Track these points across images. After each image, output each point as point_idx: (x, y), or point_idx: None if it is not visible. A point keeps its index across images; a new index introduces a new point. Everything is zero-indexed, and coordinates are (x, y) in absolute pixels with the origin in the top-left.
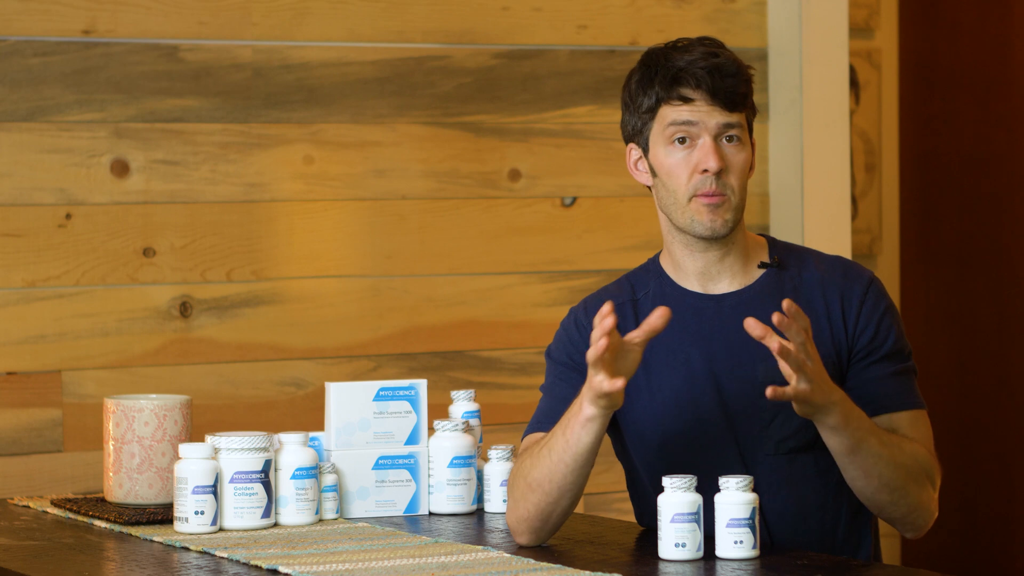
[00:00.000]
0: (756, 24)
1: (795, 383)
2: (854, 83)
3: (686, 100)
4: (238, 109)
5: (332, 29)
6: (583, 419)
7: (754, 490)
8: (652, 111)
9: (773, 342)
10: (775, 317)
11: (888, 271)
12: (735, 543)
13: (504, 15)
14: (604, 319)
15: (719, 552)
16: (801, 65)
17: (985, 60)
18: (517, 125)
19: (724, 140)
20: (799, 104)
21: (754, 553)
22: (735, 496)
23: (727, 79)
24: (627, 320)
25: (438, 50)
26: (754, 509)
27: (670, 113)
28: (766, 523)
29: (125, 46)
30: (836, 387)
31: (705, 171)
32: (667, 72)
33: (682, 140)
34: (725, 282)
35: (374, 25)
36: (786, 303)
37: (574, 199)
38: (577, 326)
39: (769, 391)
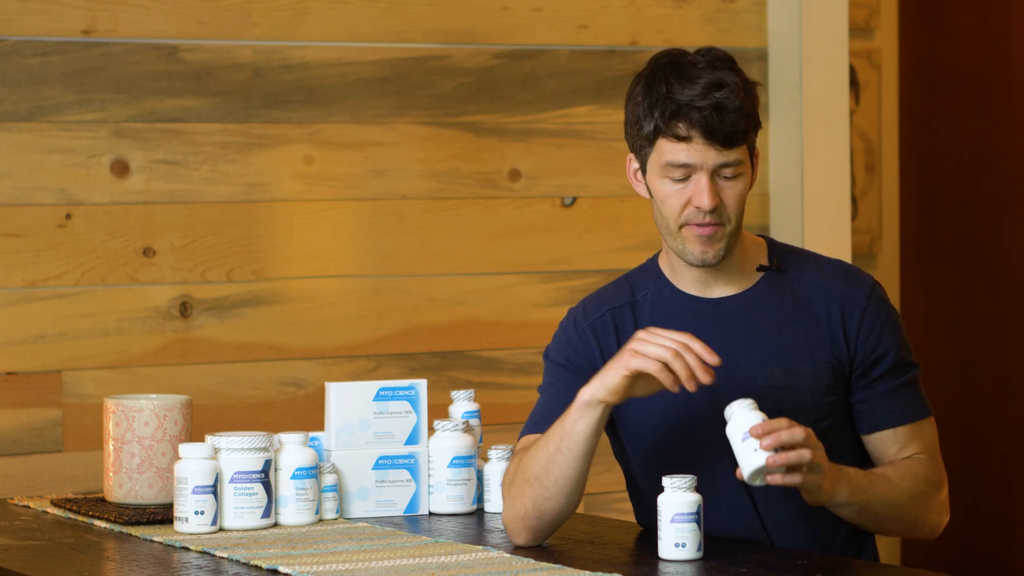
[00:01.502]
0: (756, 24)
1: (797, 479)
2: (854, 83)
3: (682, 139)
4: (238, 109)
5: (332, 29)
6: (581, 404)
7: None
8: (651, 140)
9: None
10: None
11: (888, 271)
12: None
13: (504, 15)
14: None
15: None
16: (801, 65)
17: (985, 60)
18: (517, 125)
19: (722, 175)
20: (799, 104)
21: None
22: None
23: (728, 116)
24: (626, 322)
25: (438, 50)
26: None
27: (668, 151)
28: (766, 530)
29: (125, 46)
30: (839, 469)
31: (698, 207)
32: (667, 105)
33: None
34: (723, 286)
35: (374, 25)
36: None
37: (574, 199)
38: (576, 327)
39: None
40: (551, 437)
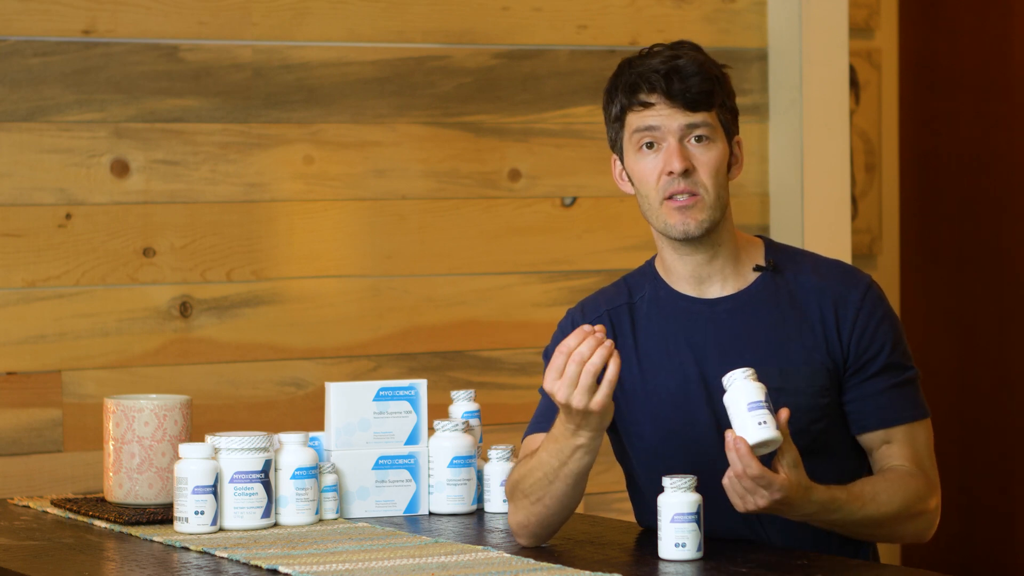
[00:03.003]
0: (756, 24)
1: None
2: (854, 83)
3: (646, 105)
4: (238, 109)
5: (332, 29)
6: (577, 445)
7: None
8: (620, 120)
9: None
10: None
11: (888, 271)
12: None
13: (504, 15)
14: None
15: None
16: (801, 65)
17: (985, 60)
18: (517, 125)
19: (693, 141)
20: (799, 104)
21: None
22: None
23: (688, 79)
24: (623, 323)
25: (438, 50)
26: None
27: (634, 120)
28: (765, 529)
29: (125, 46)
30: (806, 491)
31: (671, 173)
32: (627, 80)
33: (650, 145)
34: (717, 285)
35: (374, 25)
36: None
37: (574, 199)
38: (574, 327)
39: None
40: (549, 464)
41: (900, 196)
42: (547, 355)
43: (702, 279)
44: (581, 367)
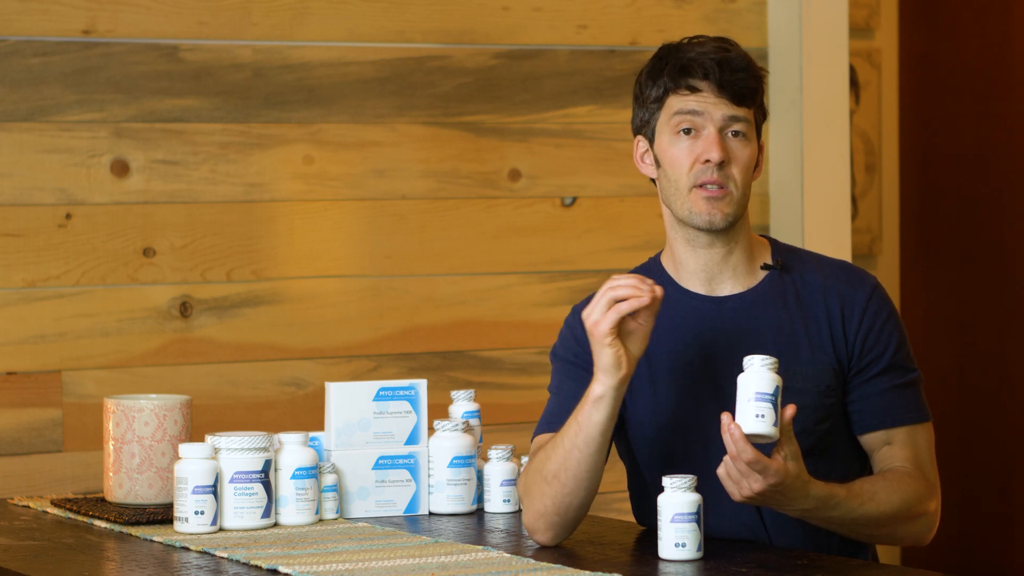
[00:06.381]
0: (756, 24)
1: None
2: (854, 83)
3: (693, 90)
4: (238, 109)
5: (332, 29)
6: (593, 398)
7: None
8: (660, 101)
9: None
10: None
11: (888, 271)
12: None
13: (504, 15)
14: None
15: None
16: (801, 65)
17: (985, 60)
18: (517, 125)
19: (730, 134)
20: (799, 104)
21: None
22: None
23: (737, 73)
24: None
25: (438, 50)
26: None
27: (676, 103)
28: (766, 529)
29: (125, 46)
30: (804, 486)
31: (707, 161)
32: (676, 62)
33: (687, 131)
34: (728, 283)
35: (374, 25)
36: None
37: (574, 199)
38: (581, 324)
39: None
40: (566, 434)
41: (900, 196)
42: (555, 354)
43: (713, 275)
44: (612, 304)
